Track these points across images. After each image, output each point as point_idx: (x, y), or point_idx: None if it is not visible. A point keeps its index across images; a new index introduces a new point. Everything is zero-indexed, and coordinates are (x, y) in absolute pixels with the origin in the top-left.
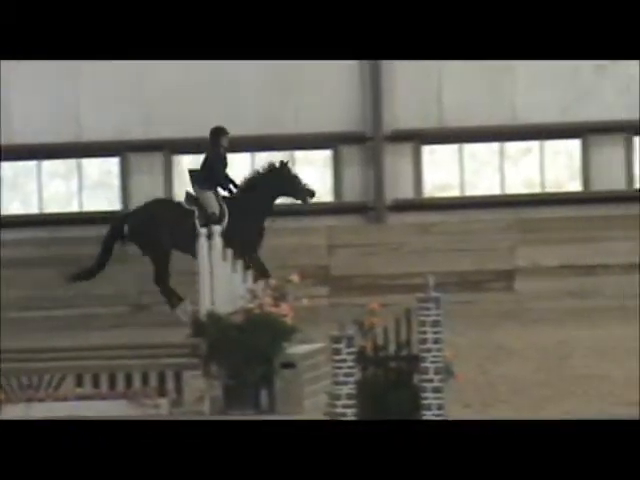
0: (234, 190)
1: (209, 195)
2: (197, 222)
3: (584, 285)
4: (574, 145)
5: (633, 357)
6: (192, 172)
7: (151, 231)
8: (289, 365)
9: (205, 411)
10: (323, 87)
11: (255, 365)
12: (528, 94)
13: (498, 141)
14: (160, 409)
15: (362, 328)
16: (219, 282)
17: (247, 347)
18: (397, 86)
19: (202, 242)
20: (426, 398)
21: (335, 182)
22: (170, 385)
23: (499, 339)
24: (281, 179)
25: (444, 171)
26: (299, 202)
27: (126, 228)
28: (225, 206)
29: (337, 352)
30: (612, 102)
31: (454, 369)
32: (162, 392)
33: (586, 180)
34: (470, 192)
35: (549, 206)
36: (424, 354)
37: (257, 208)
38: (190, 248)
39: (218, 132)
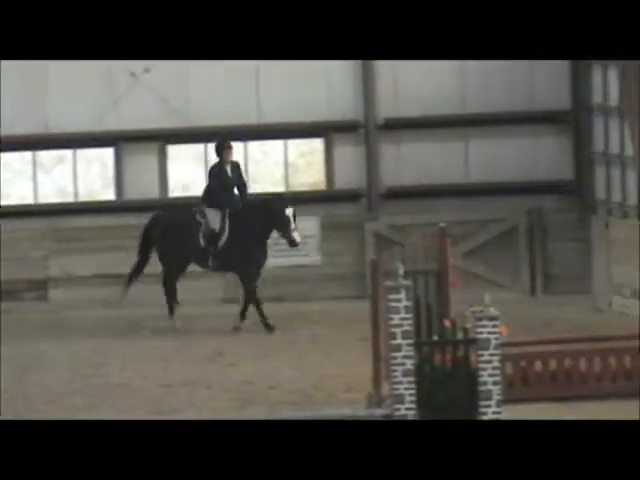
0: (236, 205)
1: (213, 211)
2: (201, 236)
3: (118, 294)
4: (107, 153)
5: (160, 366)
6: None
7: (170, 237)
8: None
9: None
10: None
11: None
12: (60, 102)
13: (31, 150)
14: None
15: None
16: None
17: None
18: None
19: None
20: None
21: None
22: None
23: (35, 349)
24: (275, 215)
25: None
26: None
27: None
28: (227, 224)
29: None
30: (146, 111)
31: None
32: None
33: (119, 189)
34: (4, 202)
35: (83, 215)
36: None
37: (252, 234)
38: (198, 260)
39: (219, 146)
